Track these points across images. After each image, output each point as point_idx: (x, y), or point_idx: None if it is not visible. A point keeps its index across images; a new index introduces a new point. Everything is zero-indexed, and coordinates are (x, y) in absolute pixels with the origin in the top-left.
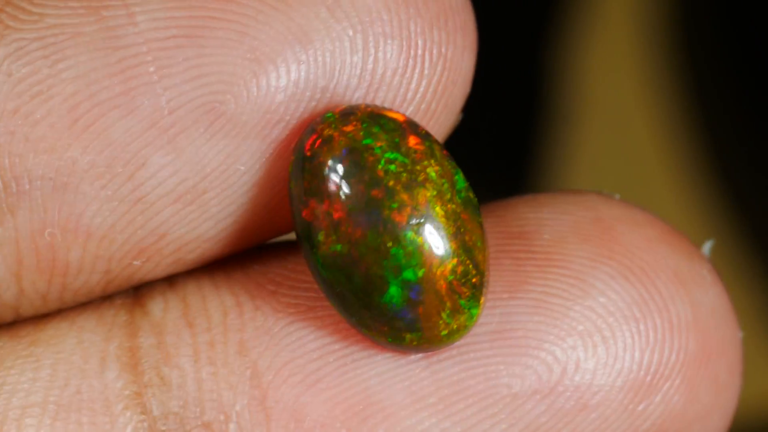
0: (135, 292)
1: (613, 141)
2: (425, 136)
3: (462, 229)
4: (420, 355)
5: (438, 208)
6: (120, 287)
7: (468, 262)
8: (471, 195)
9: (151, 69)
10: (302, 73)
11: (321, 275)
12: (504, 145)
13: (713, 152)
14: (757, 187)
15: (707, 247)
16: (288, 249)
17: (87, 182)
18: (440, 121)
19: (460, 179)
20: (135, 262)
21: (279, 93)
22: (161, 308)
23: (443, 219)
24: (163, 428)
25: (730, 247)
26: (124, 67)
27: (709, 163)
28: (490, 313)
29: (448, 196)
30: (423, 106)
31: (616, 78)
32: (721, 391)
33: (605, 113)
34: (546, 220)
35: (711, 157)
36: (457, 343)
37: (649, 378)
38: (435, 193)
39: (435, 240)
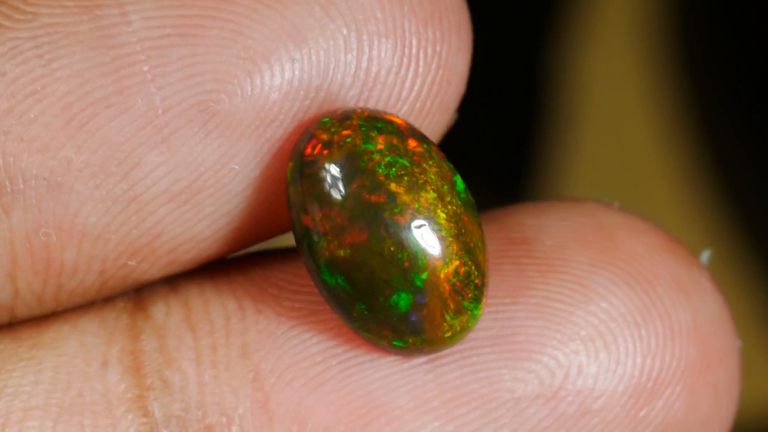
0: (137, 296)
1: (612, 142)
2: (422, 138)
3: (463, 230)
4: (422, 358)
5: (439, 211)
6: (116, 288)
7: (470, 263)
8: (469, 196)
9: (145, 68)
10: (296, 72)
11: (323, 281)
12: (503, 146)
13: (713, 153)
14: (757, 189)
15: (705, 256)
16: (290, 254)
17: (81, 182)
18: (435, 121)
19: (458, 181)
20: (130, 262)
21: (273, 92)
22: (163, 312)
23: (445, 221)
24: (165, 431)
25: (729, 248)
26: (117, 66)
27: (708, 165)
28: (492, 318)
29: (449, 197)
30: (418, 105)
31: (615, 79)
32: (720, 399)
33: (605, 114)
34: (546, 226)
35: (711, 159)
36: (460, 347)
37: (650, 384)
38: (436, 195)
39: (438, 242)
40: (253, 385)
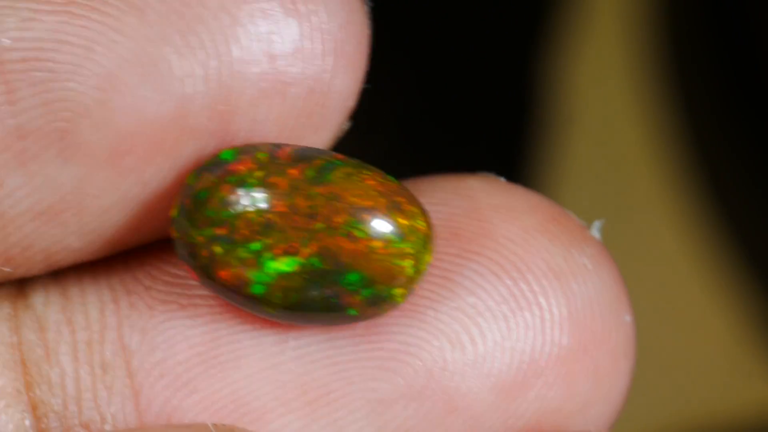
0: (19, 283)
1: (603, 147)
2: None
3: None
4: (291, 353)
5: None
6: None
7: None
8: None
9: (1, 91)
10: (151, 104)
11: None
12: (494, 151)
13: (703, 158)
14: (747, 193)
15: (596, 226)
16: (167, 243)
17: None
18: (315, 140)
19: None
20: (5, 269)
21: (129, 122)
22: (43, 302)
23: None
24: (43, 427)
25: (719, 251)
26: None
27: (699, 170)
28: (349, 334)
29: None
30: (285, 133)
31: (606, 84)
32: (601, 381)
33: (596, 120)
34: None
35: (701, 164)
36: (323, 346)
37: (521, 376)
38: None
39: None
40: (125, 382)
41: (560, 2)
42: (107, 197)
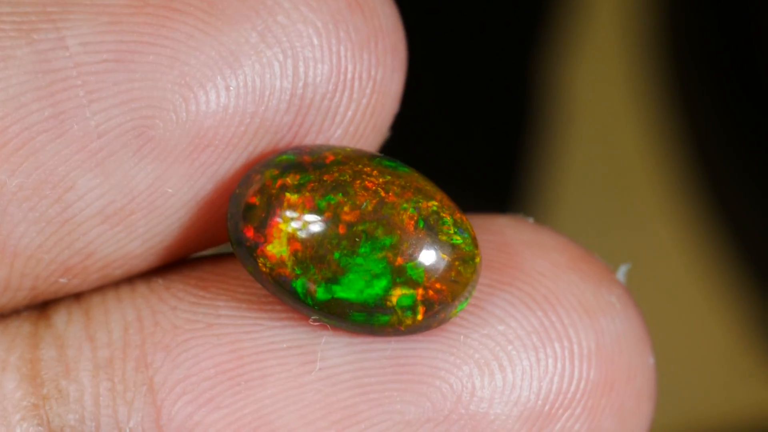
0: (42, 304)
1: (602, 149)
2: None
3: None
4: (318, 373)
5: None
6: (45, 301)
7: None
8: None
9: (81, 93)
10: (231, 99)
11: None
12: (492, 155)
13: (702, 161)
14: (746, 195)
15: (622, 271)
16: (192, 264)
17: (15, 204)
18: (369, 142)
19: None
20: (62, 280)
21: (208, 118)
22: (64, 321)
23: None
24: None
25: (718, 254)
26: (53, 91)
27: (697, 172)
28: (386, 340)
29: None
30: (351, 129)
31: (605, 86)
32: (627, 419)
33: (594, 122)
34: None
35: (700, 166)
36: (351, 367)
37: (548, 407)
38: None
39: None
40: (146, 398)
41: (560, 2)
42: (180, 195)
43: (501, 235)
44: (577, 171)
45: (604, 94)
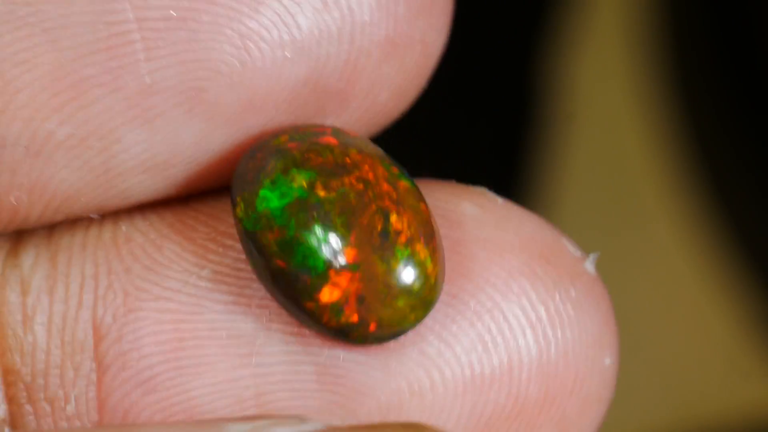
0: (16, 237)
1: (605, 147)
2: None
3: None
4: (254, 369)
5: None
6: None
7: None
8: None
9: (139, 48)
10: (287, 64)
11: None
12: (494, 152)
13: (706, 159)
14: (749, 194)
15: (590, 261)
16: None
17: (60, 153)
18: (406, 101)
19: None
20: (93, 216)
21: (262, 82)
22: (31, 264)
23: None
24: (12, 393)
25: (721, 252)
26: (111, 45)
27: (699, 168)
28: (312, 361)
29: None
30: (397, 92)
31: (608, 84)
32: (567, 428)
33: (597, 119)
34: None
35: (703, 164)
36: (284, 369)
37: (481, 427)
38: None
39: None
40: (92, 365)
41: (561, 0)
42: (215, 153)
43: (459, 229)
44: (578, 168)
45: (606, 89)
